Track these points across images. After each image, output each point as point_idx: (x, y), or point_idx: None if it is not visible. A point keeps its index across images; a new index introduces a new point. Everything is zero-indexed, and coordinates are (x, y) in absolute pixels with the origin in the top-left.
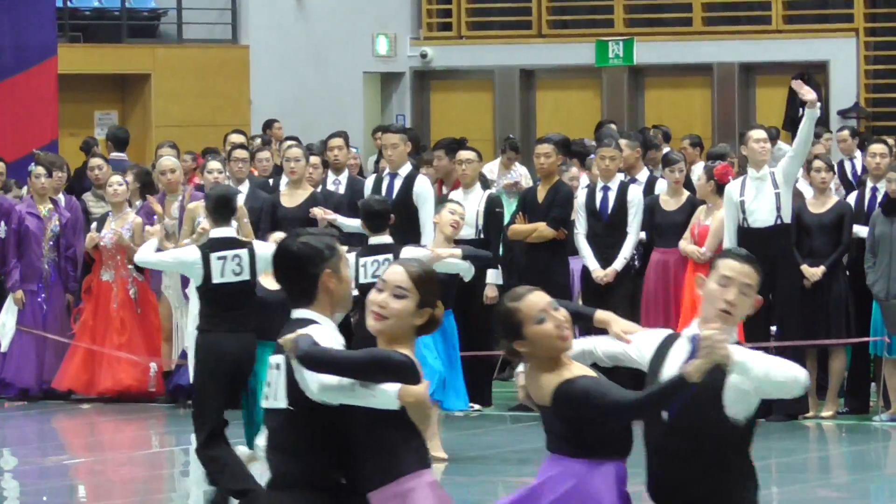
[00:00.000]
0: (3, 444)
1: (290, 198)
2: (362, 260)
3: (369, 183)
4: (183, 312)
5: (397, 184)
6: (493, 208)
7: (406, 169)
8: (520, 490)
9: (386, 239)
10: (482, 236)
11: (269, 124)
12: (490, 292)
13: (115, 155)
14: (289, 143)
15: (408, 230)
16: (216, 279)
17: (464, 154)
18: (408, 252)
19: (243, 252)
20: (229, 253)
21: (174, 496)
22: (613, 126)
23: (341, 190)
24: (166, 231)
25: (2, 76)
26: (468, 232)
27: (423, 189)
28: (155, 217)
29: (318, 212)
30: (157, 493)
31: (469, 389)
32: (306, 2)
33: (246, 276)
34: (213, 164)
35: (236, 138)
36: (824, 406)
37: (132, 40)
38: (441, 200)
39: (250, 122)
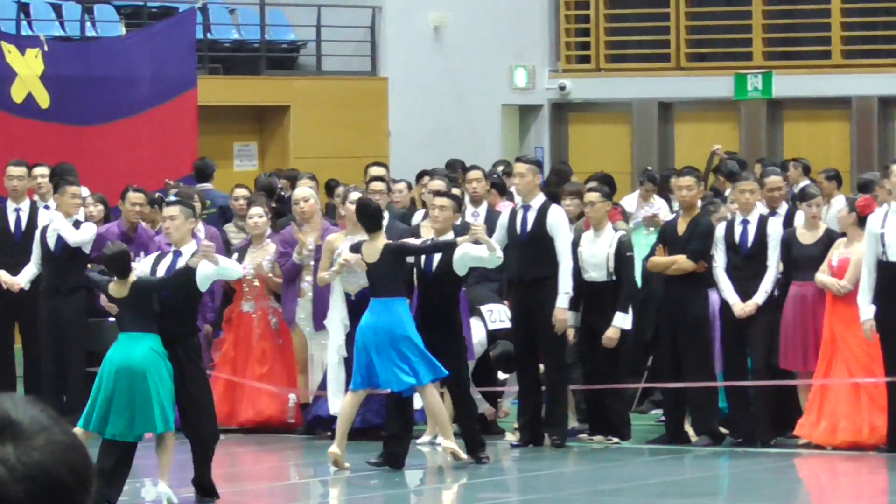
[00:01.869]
0: (145, 475)
1: (428, 231)
2: None
3: (505, 215)
4: (317, 344)
5: (531, 216)
6: (624, 251)
7: (539, 200)
8: None
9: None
10: (613, 279)
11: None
12: (612, 334)
13: (200, 186)
14: (428, 176)
15: (542, 262)
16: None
17: (590, 195)
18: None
19: None
20: None
21: None
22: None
23: (480, 221)
24: (300, 262)
25: (141, 108)
26: (599, 275)
27: (557, 220)
28: (287, 248)
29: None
30: None
31: (607, 422)
32: (444, 34)
33: None
34: (354, 196)
35: (376, 171)
36: None
37: (271, 72)
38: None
39: (388, 154)
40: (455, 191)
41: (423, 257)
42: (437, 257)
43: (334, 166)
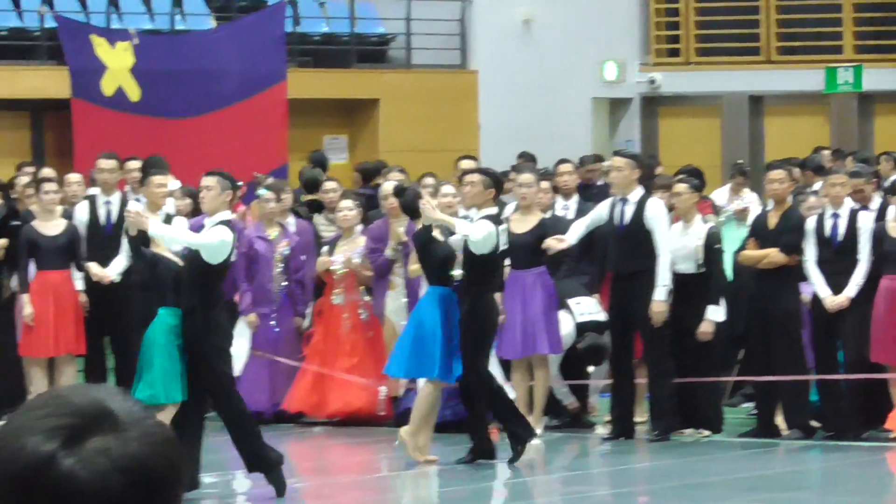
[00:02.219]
0: (237, 467)
1: (520, 223)
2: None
3: (602, 207)
4: None
5: (629, 210)
6: (713, 243)
7: (637, 194)
8: None
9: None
10: (702, 271)
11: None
12: (706, 328)
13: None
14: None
15: (639, 255)
16: None
17: (678, 187)
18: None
19: None
20: None
21: None
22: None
23: (570, 215)
24: (393, 257)
25: (231, 101)
26: (687, 266)
27: (656, 212)
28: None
29: (551, 243)
30: None
31: (698, 414)
32: (534, 27)
33: None
34: (447, 189)
35: (466, 164)
36: None
37: (361, 65)
38: None
39: (479, 147)
40: (545, 184)
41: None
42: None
43: (423, 160)
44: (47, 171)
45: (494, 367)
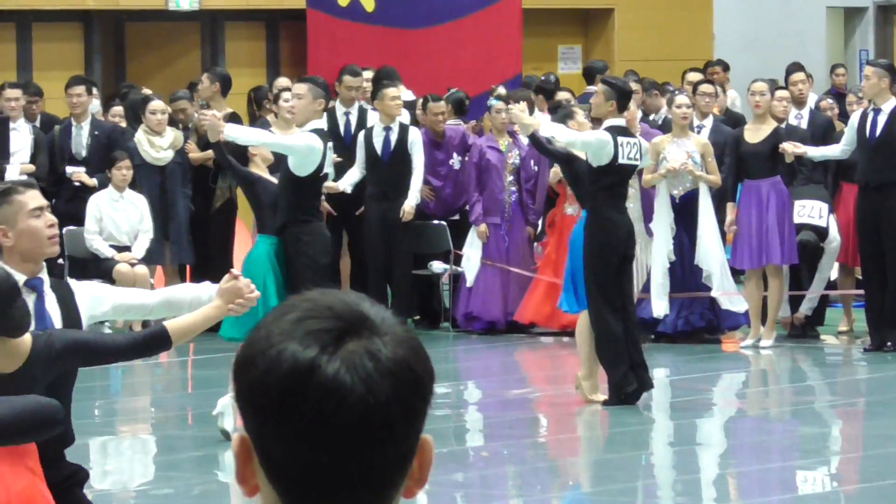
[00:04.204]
0: (469, 377)
1: (754, 133)
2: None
3: (854, 120)
4: (642, 247)
5: (881, 120)
6: None
7: (891, 104)
8: None
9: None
10: None
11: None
12: None
13: (589, 89)
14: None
15: (891, 167)
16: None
17: None
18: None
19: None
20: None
21: (630, 430)
22: None
23: (803, 125)
24: None
25: (467, 11)
26: None
27: None
28: None
29: (788, 146)
30: (616, 427)
31: None
32: None
33: None
34: (682, 99)
35: (693, 76)
36: None
37: None
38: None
39: (713, 57)
40: (781, 93)
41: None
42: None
43: (658, 69)
44: (283, 81)
45: (725, 277)
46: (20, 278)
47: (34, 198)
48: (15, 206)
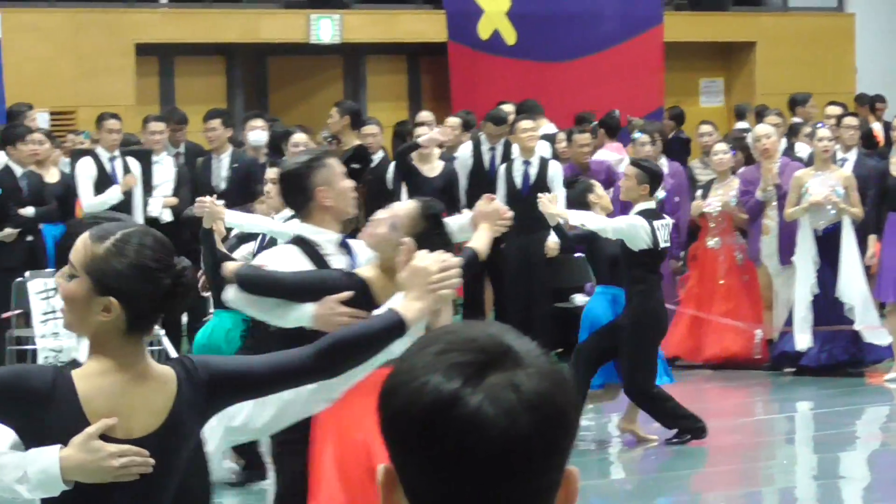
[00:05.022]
0: (612, 409)
1: None
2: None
3: None
4: (784, 280)
5: None
6: None
7: None
8: None
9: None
10: None
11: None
12: None
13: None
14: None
15: None
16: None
17: None
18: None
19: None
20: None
21: (774, 464)
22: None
23: None
24: (763, 199)
25: (607, 44)
26: None
27: None
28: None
29: None
30: (760, 461)
31: None
32: None
33: None
34: (823, 132)
35: (832, 110)
36: None
37: (737, 8)
38: None
39: (854, 91)
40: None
41: None
42: None
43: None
44: (425, 115)
45: (868, 310)
46: (335, 237)
47: (339, 163)
48: (330, 169)
